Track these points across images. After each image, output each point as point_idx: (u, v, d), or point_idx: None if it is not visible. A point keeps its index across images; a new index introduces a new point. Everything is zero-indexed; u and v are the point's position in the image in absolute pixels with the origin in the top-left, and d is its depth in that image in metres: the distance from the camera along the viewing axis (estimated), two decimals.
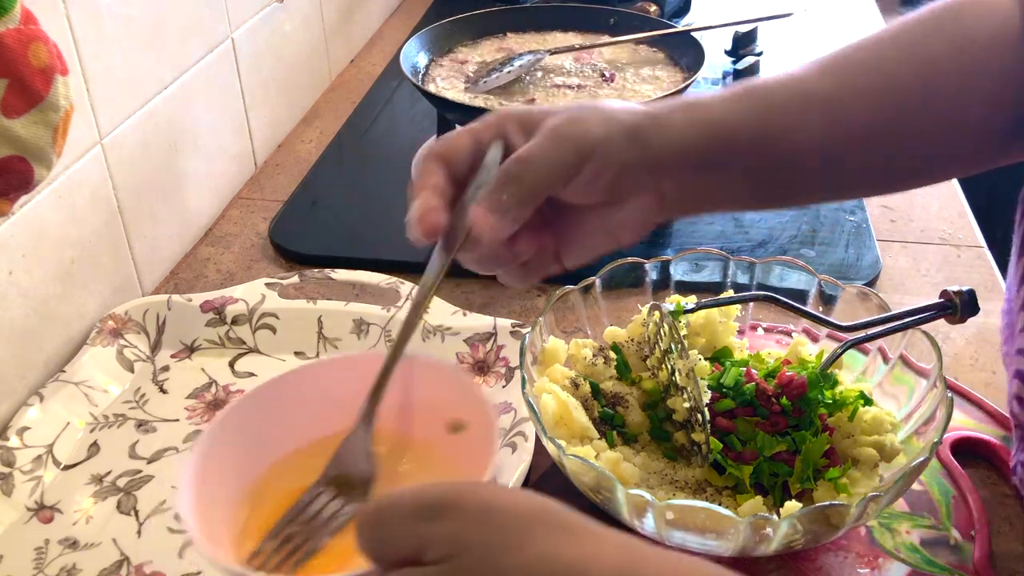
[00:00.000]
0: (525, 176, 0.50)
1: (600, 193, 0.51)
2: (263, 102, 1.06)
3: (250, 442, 0.53)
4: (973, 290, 0.62)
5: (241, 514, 0.51)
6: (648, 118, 0.52)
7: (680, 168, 0.52)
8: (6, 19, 0.52)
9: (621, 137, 0.51)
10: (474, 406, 0.52)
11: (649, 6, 1.27)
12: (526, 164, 0.50)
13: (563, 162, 0.50)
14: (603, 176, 0.51)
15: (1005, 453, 0.65)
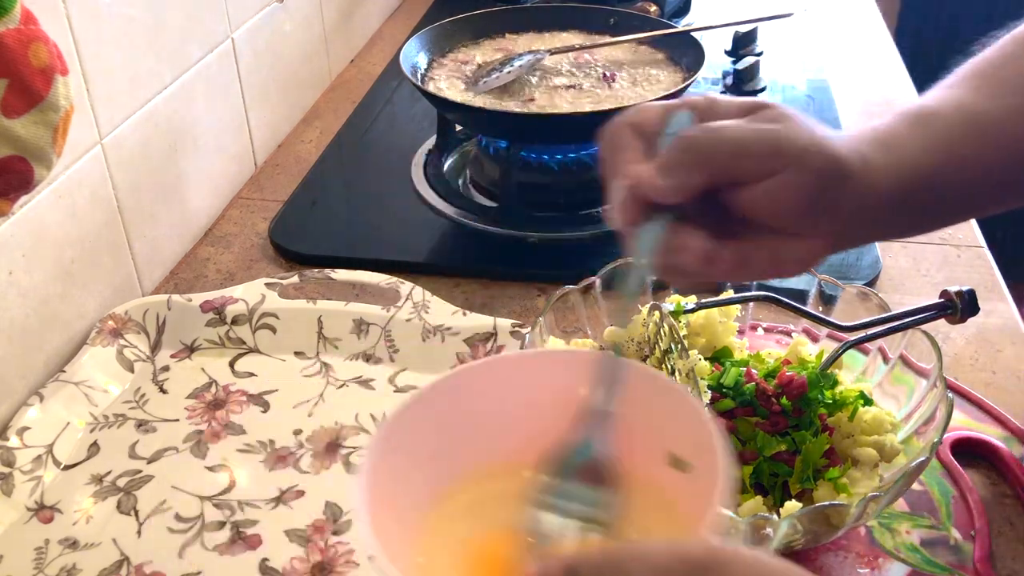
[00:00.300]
0: (707, 143, 0.47)
1: (784, 210, 0.47)
2: (263, 102, 1.06)
3: (436, 444, 0.48)
4: (973, 290, 0.62)
5: (426, 528, 0.46)
6: (851, 151, 0.48)
7: (874, 211, 0.49)
8: (6, 19, 0.52)
9: (824, 158, 0.47)
10: (700, 440, 0.44)
11: (649, 6, 1.27)
12: (714, 132, 0.47)
13: (754, 149, 0.47)
14: (795, 189, 0.47)
15: (1005, 453, 0.65)
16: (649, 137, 0.49)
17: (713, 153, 0.47)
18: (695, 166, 0.47)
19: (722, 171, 0.47)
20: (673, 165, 0.47)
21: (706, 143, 0.47)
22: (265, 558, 0.60)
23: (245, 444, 0.69)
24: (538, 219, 0.92)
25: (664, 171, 0.47)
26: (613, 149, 0.50)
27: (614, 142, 0.50)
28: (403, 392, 0.73)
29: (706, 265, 0.48)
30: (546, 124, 0.90)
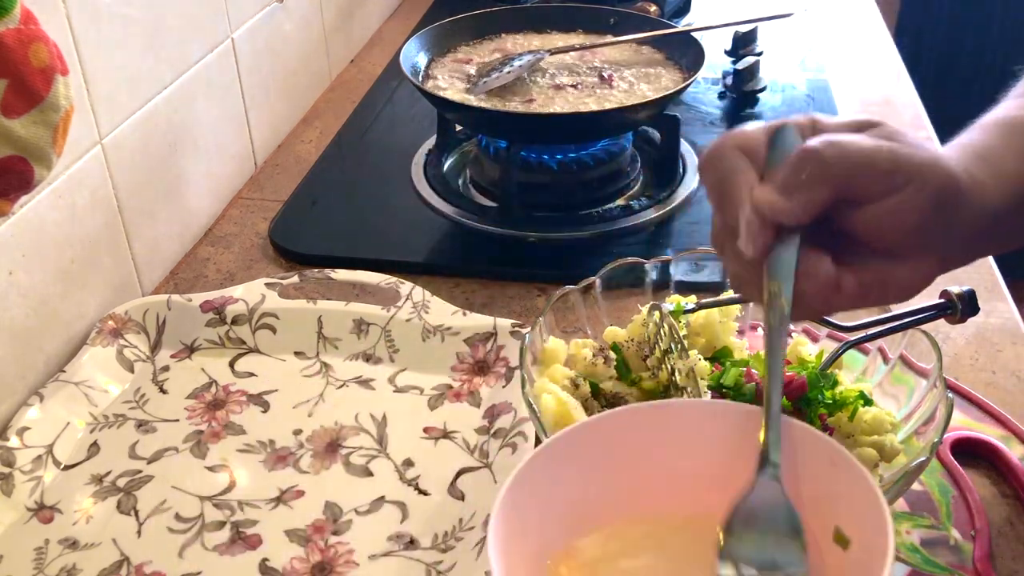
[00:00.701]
0: (832, 156, 0.44)
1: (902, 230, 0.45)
2: (263, 102, 1.06)
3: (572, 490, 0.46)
4: (973, 290, 0.62)
5: None
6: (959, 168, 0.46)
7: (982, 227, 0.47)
8: (6, 19, 0.52)
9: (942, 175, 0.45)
10: (864, 512, 0.41)
11: (649, 6, 1.27)
12: (838, 145, 0.44)
13: (877, 164, 0.44)
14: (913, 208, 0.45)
15: (1005, 453, 0.65)
16: (757, 158, 0.47)
17: (838, 167, 0.44)
18: (821, 181, 0.44)
19: (844, 187, 0.45)
20: (799, 182, 0.44)
21: (831, 156, 0.44)
22: (265, 558, 0.60)
23: (245, 444, 0.69)
24: (538, 219, 0.92)
25: (790, 189, 0.44)
26: (723, 174, 0.47)
27: (723, 167, 0.47)
28: (403, 392, 0.73)
29: (832, 293, 0.46)
30: (546, 124, 0.90)
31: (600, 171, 0.94)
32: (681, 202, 0.94)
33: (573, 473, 0.46)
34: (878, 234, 0.46)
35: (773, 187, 0.45)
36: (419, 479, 0.65)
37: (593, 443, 0.47)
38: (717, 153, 0.48)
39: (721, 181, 0.47)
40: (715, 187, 0.48)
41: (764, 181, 0.46)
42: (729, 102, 1.15)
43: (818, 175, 0.44)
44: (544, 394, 0.61)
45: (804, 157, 0.44)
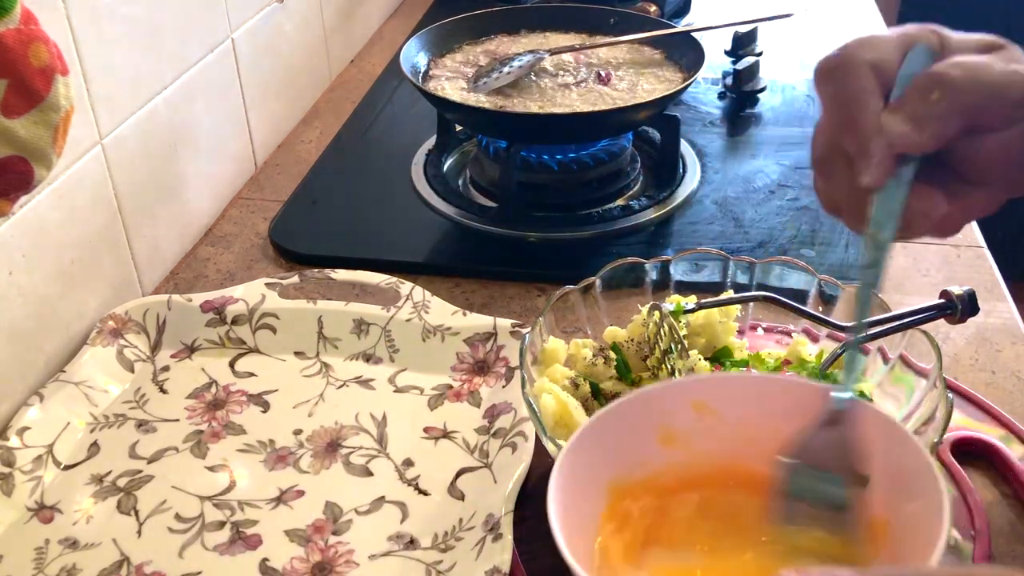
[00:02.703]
0: (965, 85, 0.41)
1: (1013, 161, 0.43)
2: (263, 102, 1.06)
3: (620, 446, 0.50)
4: (973, 290, 0.62)
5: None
6: None
7: None
8: (6, 19, 0.52)
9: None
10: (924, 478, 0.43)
11: (649, 6, 1.27)
12: (972, 72, 0.42)
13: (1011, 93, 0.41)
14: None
15: (1005, 453, 0.65)
16: (885, 77, 0.44)
17: (971, 95, 0.42)
18: (953, 112, 0.42)
19: (975, 116, 0.42)
20: (931, 112, 0.42)
21: (963, 83, 0.42)
22: (265, 558, 0.60)
23: (245, 444, 0.69)
24: (538, 219, 0.92)
25: (922, 119, 0.42)
26: (851, 94, 0.44)
27: (852, 86, 0.44)
28: (403, 392, 0.73)
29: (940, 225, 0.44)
30: (546, 124, 0.90)
31: (600, 171, 0.95)
32: (681, 202, 0.94)
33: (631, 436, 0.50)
34: (986, 164, 0.43)
35: (904, 116, 0.42)
36: (419, 479, 0.65)
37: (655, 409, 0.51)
38: (845, 66, 0.44)
39: (847, 101, 0.44)
40: (839, 106, 0.45)
41: (893, 107, 0.43)
42: (729, 102, 1.15)
43: (951, 106, 0.42)
44: (544, 394, 0.61)
45: (937, 83, 0.42)
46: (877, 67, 0.44)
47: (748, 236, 0.90)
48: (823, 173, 0.47)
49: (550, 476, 0.44)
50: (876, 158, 0.43)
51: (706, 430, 0.51)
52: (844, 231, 0.89)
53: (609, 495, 0.50)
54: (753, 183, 0.98)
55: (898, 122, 0.42)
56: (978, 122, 0.42)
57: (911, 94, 0.42)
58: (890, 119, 0.42)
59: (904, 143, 0.42)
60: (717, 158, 1.03)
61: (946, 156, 0.44)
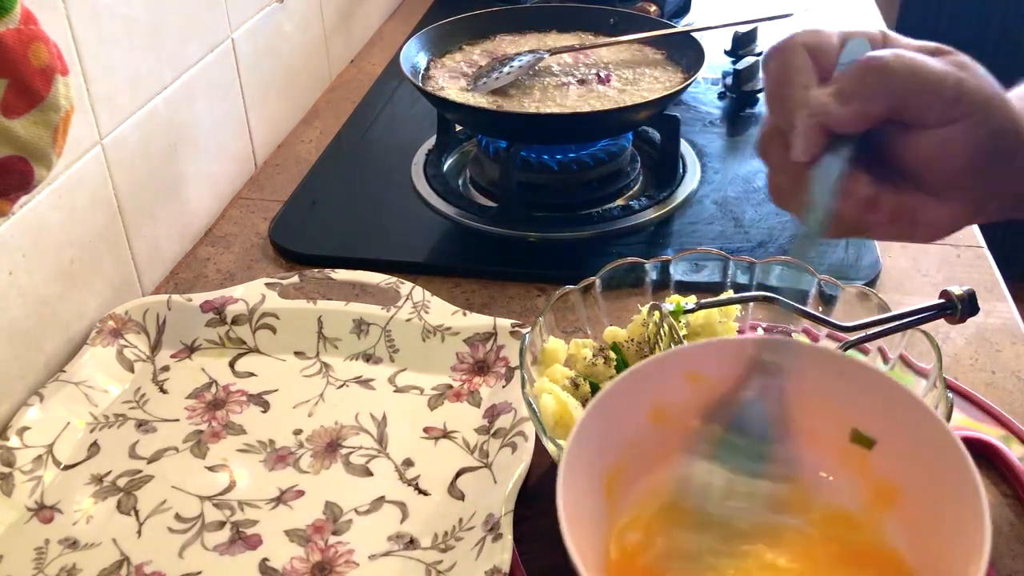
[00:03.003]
0: (897, 68, 0.42)
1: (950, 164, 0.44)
2: (263, 102, 1.06)
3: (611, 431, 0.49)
4: (973, 290, 0.62)
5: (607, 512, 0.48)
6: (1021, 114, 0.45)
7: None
8: (6, 19, 0.52)
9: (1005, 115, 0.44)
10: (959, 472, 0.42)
11: (649, 6, 1.27)
12: (905, 60, 0.43)
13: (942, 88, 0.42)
14: (969, 142, 0.43)
15: (1005, 453, 0.65)
16: (823, 61, 0.45)
17: (902, 83, 0.43)
18: (881, 93, 0.43)
19: (903, 105, 0.43)
20: (858, 89, 0.43)
21: (896, 68, 0.43)
22: (265, 558, 0.60)
23: (245, 444, 0.69)
24: (538, 219, 0.92)
25: (848, 96, 0.43)
26: (787, 72, 0.45)
27: (787, 64, 0.45)
28: (403, 392, 0.73)
29: (866, 212, 0.45)
30: (546, 124, 0.90)
31: (600, 171, 0.95)
32: (681, 202, 0.94)
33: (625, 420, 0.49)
34: (924, 163, 0.44)
35: (831, 91, 0.43)
36: (419, 479, 0.65)
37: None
38: (784, 47, 0.46)
39: (781, 78, 0.46)
40: (774, 83, 0.46)
41: (823, 84, 0.44)
42: (729, 102, 1.15)
43: (879, 86, 0.43)
44: (544, 394, 0.61)
45: (869, 66, 0.43)
46: (814, 50, 0.45)
47: (748, 236, 0.90)
48: (765, 156, 0.48)
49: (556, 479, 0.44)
50: (801, 130, 0.44)
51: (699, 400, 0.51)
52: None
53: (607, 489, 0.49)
54: (753, 183, 0.98)
55: (824, 96, 0.43)
56: (910, 113, 0.43)
57: (844, 74, 0.44)
58: (816, 92, 0.43)
59: (828, 117, 0.43)
60: (717, 158, 1.03)
61: (886, 152, 0.45)
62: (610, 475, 0.49)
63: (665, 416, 0.51)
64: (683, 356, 0.51)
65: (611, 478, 0.49)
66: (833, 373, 0.48)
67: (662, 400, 0.51)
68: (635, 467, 0.50)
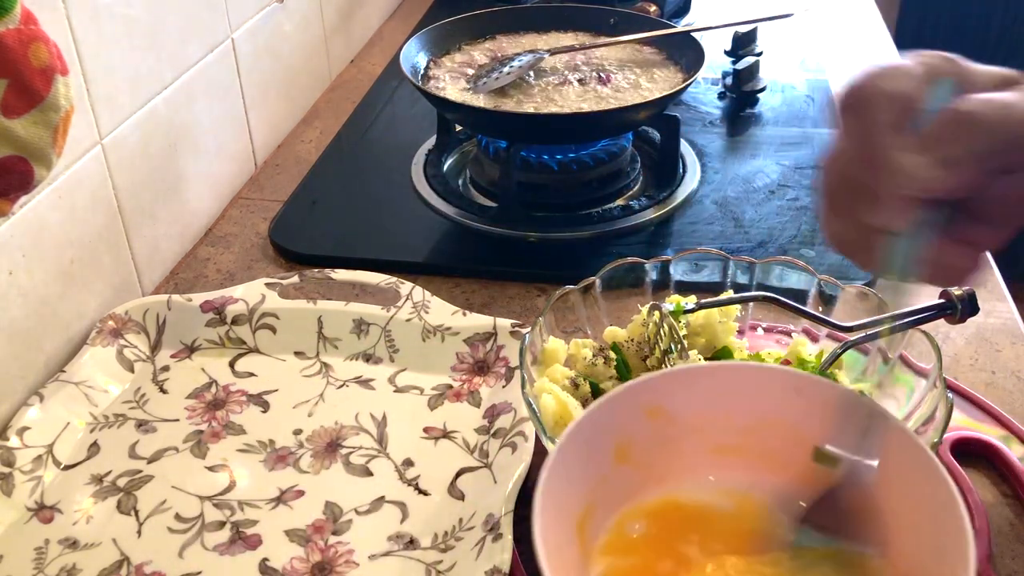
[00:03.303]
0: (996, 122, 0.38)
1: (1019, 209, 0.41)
2: (263, 102, 1.06)
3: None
4: (973, 290, 0.62)
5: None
6: None
7: None
8: (6, 19, 0.52)
9: None
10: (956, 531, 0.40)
11: (649, 6, 1.27)
12: (1001, 110, 0.38)
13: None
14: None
15: (1005, 453, 0.65)
16: (909, 109, 0.40)
17: (1003, 136, 0.39)
18: (979, 152, 0.39)
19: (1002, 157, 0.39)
20: (958, 153, 0.38)
21: (996, 124, 0.38)
22: (265, 558, 0.60)
23: (245, 444, 0.69)
24: (538, 219, 0.92)
25: (943, 159, 0.38)
26: (873, 127, 0.40)
27: (873, 117, 0.40)
28: (403, 392, 0.73)
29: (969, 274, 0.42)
30: (546, 124, 0.90)
31: (600, 171, 0.95)
32: (681, 202, 0.94)
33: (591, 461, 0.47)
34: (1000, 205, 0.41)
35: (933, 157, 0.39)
36: (419, 479, 0.65)
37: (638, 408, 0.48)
38: (867, 98, 0.41)
39: (866, 134, 0.41)
40: (859, 138, 0.42)
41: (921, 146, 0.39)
42: (729, 102, 1.15)
43: (983, 146, 0.39)
44: (544, 394, 0.61)
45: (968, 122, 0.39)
46: (900, 100, 0.41)
47: (748, 236, 0.90)
48: (835, 208, 0.45)
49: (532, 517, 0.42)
50: (893, 202, 0.40)
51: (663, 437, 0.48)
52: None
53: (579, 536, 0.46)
54: (753, 183, 0.98)
55: (919, 162, 0.39)
56: (1003, 163, 0.40)
57: (940, 133, 0.39)
58: (917, 160, 0.39)
59: (927, 185, 0.39)
60: (717, 158, 1.03)
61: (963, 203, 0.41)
62: (581, 515, 0.47)
63: (629, 456, 0.49)
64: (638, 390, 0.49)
65: (583, 517, 0.47)
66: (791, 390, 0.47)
67: (625, 439, 0.49)
68: (604, 507, 0.48)
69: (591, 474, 0.47)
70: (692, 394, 0.49)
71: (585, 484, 0.47)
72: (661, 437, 0.49)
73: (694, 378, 0.50)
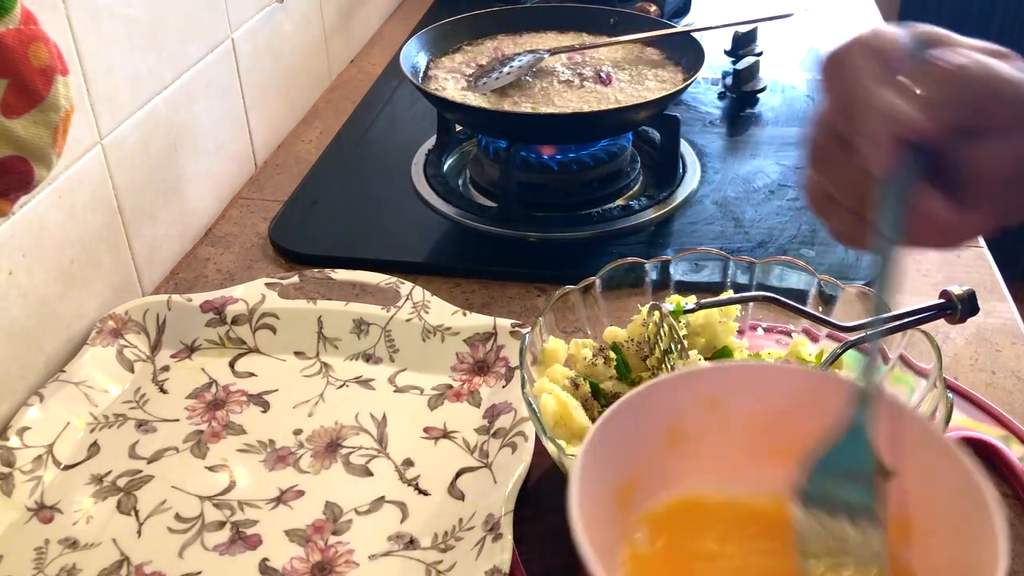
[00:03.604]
0: (977, 72, 0.40)
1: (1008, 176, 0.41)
2: (263, 102, 1.06)
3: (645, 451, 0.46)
4: (973, 290, 0.62)
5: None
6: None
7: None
8: (6, 19, 0.52)
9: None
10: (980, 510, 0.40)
11: (649, 6, 1.27)
12: (984, 63, 0.40)
13: (1015, 92, 0.40)
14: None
15: (1005, 453, 0.65)
16: (892, 64, 0.42)
17: (981, 85, 0.40)
18: (961, 97, 0.40)
19: (981, 109, 0.40)
20: (936, 93, 0.40)
21: (977, 73, 0.40)
22: (265, 558, 0.60)
23: (245, 444, 0.69)
24: (538, 219, 0.92)
25: (926, 100, 0.40)
26: (850, 75, 0.42)
27: (853, 66, 0.42)
28: (403, 392, 0.73)
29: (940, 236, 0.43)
30: (546, 124, 0.90)
31: (600, 171, 0.95)
32: (681, 202, 0.94)
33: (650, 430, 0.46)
34: (980, 172, 0.42)
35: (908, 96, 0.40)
36: (419, 479, 0.65)
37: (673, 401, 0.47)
38: (848, 48, 0.43)
39: (848, 83, 0.42)
40: (838, 90, 0.43)
41: (901, 90, 0.41)
42: (729, 102, 1.15)
43: (962, 91, 0.40)
44: (544, 394, 0.61)
45: (950, 70, 0.40)
46: (884, 54, 0.42)
47: (748, 236, 0.90)
48: (820, 164, 0.46)
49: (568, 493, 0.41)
50: (876, 139, 0.41)
51: (717, 429, 0.48)
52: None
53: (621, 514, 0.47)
54: (753, 183, 0.98)
55: (899, 100, 0.40)
56: (981, 120, 0.41)
57: (923, 79, 0.40)
58: (890, 96, 0.40)
59: (907, 124, 0.40)
60: (717, 158, 1.03)
61: (940, 158, 0.42)
62: (624, 488, 0.47)
63: (680, 441, 0.49)
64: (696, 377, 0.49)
65: (625, 490, 0.47)
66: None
67: (679, 423, 0.49)
68: (649, 485, 0.48)
69: (639, 450, 0.47)
70: (751, 391, 0.49)
71: (631, 457, 0.47)
72: (716, 428, 0.49)
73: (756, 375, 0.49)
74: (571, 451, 0.57)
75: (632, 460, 0.47)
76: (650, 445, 0.48)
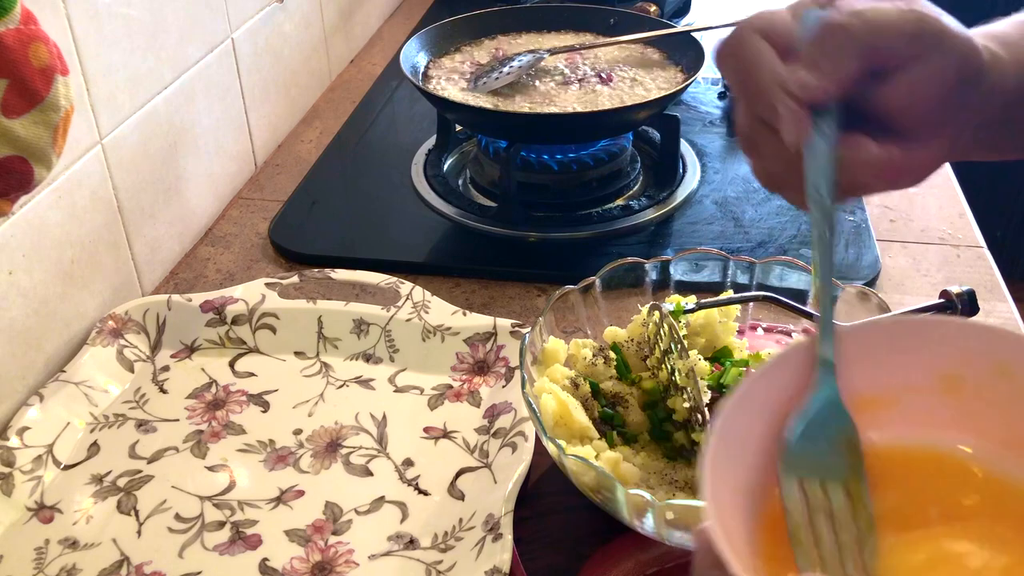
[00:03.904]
0: (853, 25, 0.42)
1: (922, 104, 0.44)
2: (263, 102, 1.06)
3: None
4: (973, 290, 0.62)
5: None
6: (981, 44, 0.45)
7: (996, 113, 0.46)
8: (6, 19, 0.52)
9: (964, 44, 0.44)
10: None
11: (649, 6, 1.27)
12: (858, 14, 0.43)
13: (899, 28, 0.42)
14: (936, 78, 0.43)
15: None
16: (780, 42, 0.44)
17: (863, 35, 0.43)
18: (845, 52, 0.43)
19: (871, 55, 0.43)
20: (822, 55, 0.43)
21: (855, 25, 0.43)
22: (265, 558, 0.60)
23: (245, 444, 0.69)
24: (538, 219, 0.92)
25: (815, 64, 0.43)
26: (746, 62, 0.44)
27: (744, 54, 0.45)
28: (403, 392, 0.73)
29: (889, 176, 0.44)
30: (546, 124, 0.90)
31: (600, 171, 0.95)
32: (681, 202, 0.94)
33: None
34: (901, 108, 0.44)
35: (802, 65, 0.43)
36: (419, 479, 0.65)
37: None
38: (737, 37, 0.45)
39: (744, 69, 0.45)
40: (738, 77, 0.45)
41: (790, 61, 0.44)
42: (729, 102, 1.15)
43: (845, 46, 0.43)
44: (544, 394, 0.61)
45: (828, 30, 0.43)
46: (770, 33, 0.44)
47: (748, 236, 0.90)
48: (752, 150, 0.48)
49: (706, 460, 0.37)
50: (786, 112, 0.43)
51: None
52: (844, 231, 0.89)
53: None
54: (753, 183, 0.98)
55: (797, 71, 0.43)
56: (879, 60, 0.43)
57: (805, 46, 0.43)
58: (789, 71, 0.43)
59: (807, 91, 0.42)
60: (717, 158, 1.03)
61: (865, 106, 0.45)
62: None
63: None
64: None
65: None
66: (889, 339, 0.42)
67: None
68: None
69: None
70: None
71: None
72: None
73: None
74: (571, 451, 0.57)
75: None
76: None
